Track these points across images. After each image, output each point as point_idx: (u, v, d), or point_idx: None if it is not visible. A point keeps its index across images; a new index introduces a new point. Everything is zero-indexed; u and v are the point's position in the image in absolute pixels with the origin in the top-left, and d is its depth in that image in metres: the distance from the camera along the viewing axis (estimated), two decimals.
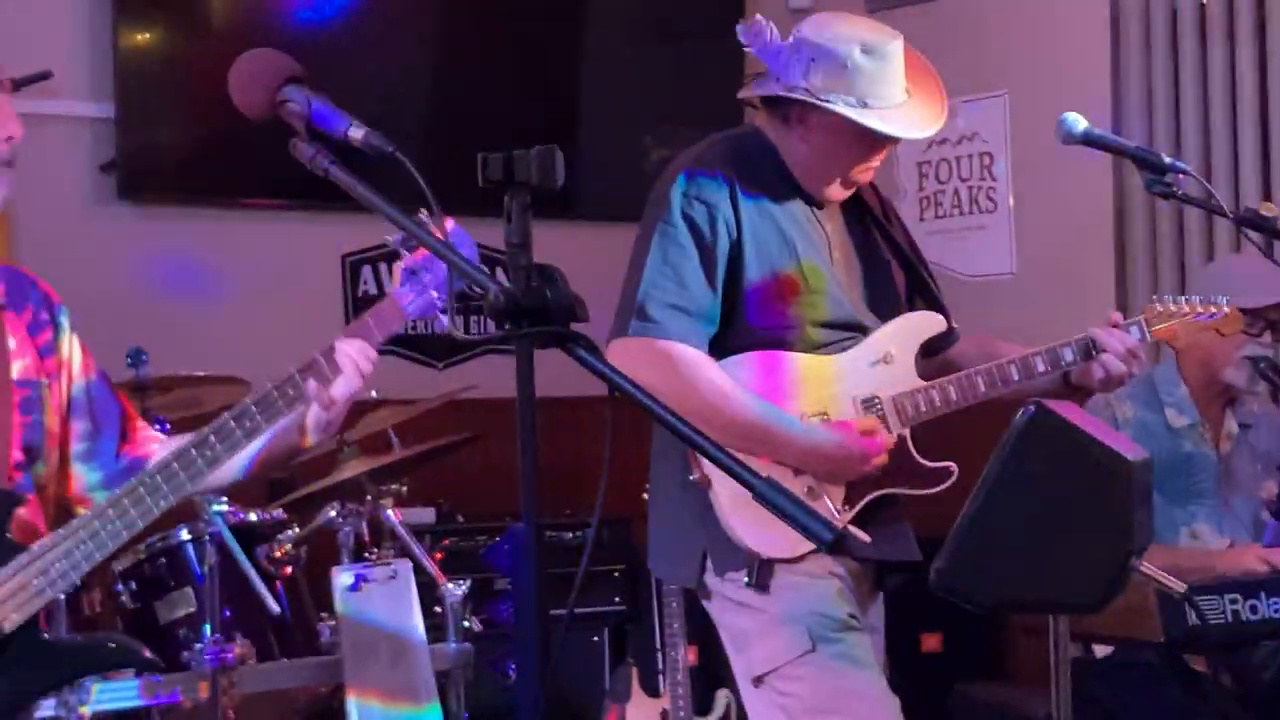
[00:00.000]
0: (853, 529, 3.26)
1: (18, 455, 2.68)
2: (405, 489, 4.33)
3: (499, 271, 2.14)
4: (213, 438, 2.64)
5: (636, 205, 3.52)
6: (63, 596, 3.22)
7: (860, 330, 3.46)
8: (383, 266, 5.64)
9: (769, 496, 1.94)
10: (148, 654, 2.97)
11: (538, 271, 2.05)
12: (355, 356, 2.72)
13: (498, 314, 2.04)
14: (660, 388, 3.05)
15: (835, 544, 1.87)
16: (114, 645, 2.95)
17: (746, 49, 3.39)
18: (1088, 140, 3.38)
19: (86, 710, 3.66)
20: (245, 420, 2.65)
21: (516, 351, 2.07)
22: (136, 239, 5.10)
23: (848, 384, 3.42)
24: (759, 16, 3.36)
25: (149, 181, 5.20)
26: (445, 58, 5.67)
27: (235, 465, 2.77)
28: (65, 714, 3.45)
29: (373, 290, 5.61)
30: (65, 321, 2.83)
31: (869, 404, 3.41)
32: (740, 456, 2.09)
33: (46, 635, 2.67)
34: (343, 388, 2.70)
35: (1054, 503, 2.81)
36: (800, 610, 3.35)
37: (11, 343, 2.73)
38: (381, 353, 2.80)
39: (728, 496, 3.32)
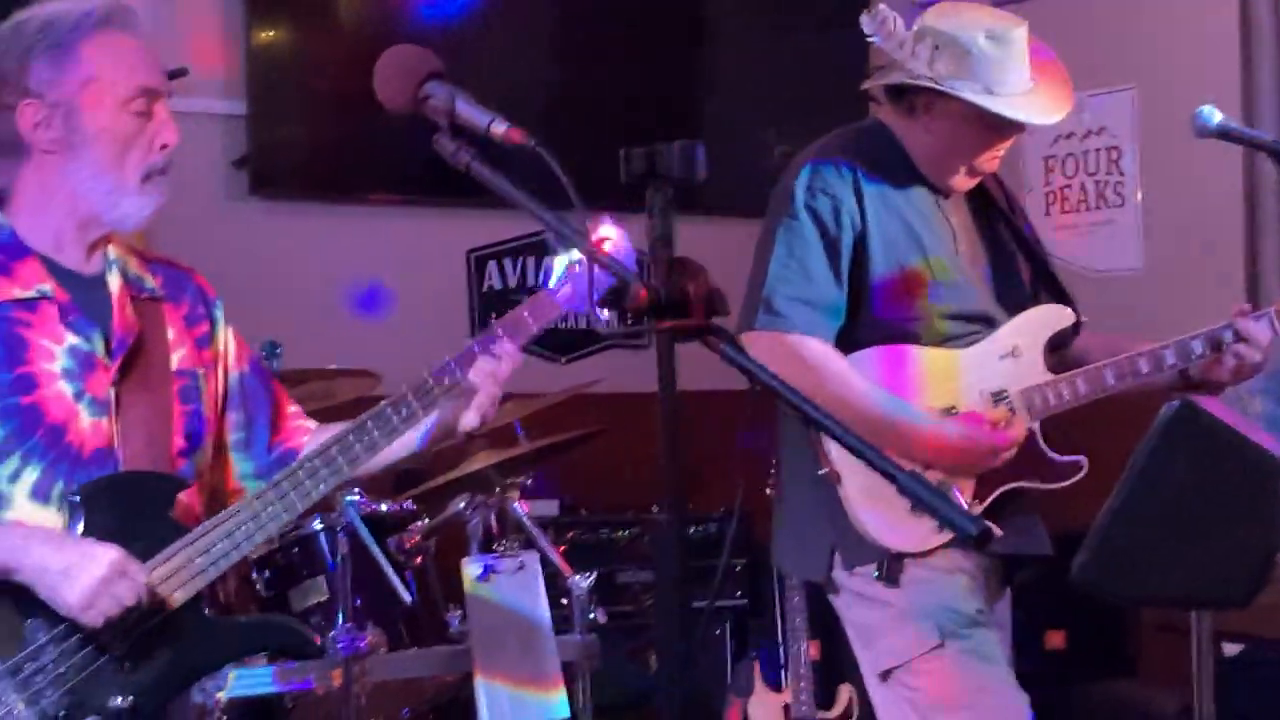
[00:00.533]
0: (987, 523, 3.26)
1: (180, 442, 2.73)
2: (530, 481, 4.35)
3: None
4: (370, 424, 2.69)
5: (758, 200, 3.53)
6: None
7: (988, 323, 3.45)
8: (508, 262, 5.66)
9: (912, 489, 1.93)
10: (311, 635, 3.06)
11: (679, 265, 2.06)
12: (493, 374, 2.75)
13: (639, 309, 2.05)
14: (789, 381, 3.06)
15: (980, 538, 1.87)
16: (279, 626, 2.99)
17: (870, 39, 3.39)
18: (1223, 134, 3.32)
19: (222, 695, 3.72)
20: (402, 408, 2.70)
21: (658, 345, 2.08)
22: (269, 233, 5.17)
23: (976, 377, 3.41)
24: (883, 6, 3.37)
25: (280, 177, 5.28)
26: (567, 54, 5.71)
27: (397, 449, 2.81)
28: (203, 699, 3.53)
29: (498, 285, 5.64)
30: (220, 315, 2.88)
31: (998, 397, 3.40)
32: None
33: (209, 613, 2.70)
34: (476, 411, 2.76)
35: (1199, 498, 2.78)
36: (929, 605, 3.34)
37: (170, 333, 2.77)
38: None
39: (857, 490, 3.32)
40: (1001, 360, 3.42)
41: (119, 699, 2.55)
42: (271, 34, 5.21)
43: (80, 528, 2.56)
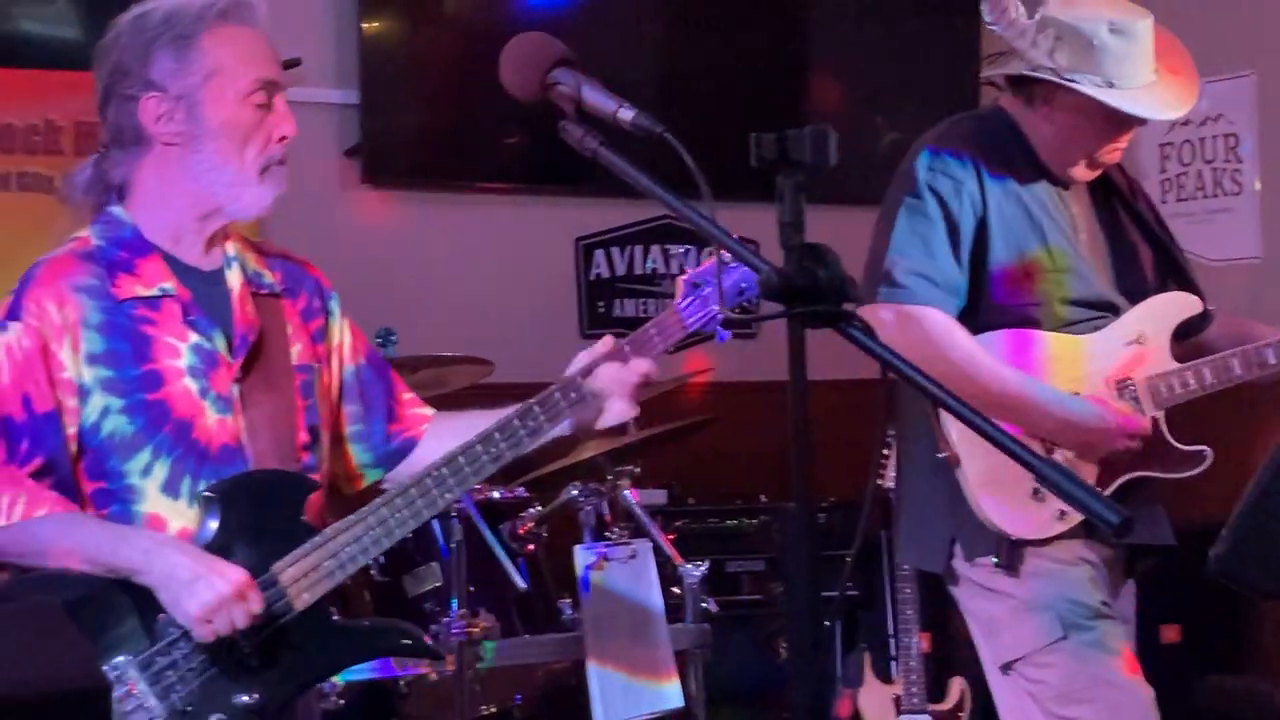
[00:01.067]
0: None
1: (304, 436, 2.74)
2: (639, 470, 4.35)
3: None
4: (498, 437, 2.69)
5: (868, 188, 3.52)
6: None
7: (1111, 310, 3.42)
8: (615, 250, 5.66)
9: (1051, 478, 1.91)
10: (429, 641, 3.05)
11: (809, 251, 2.05)
12: (623, 381, 2.76)
13: (770, 294, 2.04)
14: (911, 353, 3.03)
15: (1122, 527, 1.84)
16: (400, 631, 3.01)
17: (991, 27, 3.36)
18: None
19: (339, 680, 3.76)
20: (529, 421, 2.70)
21: (790, 331, 2.06)
22: (381, 221, 5.20)
23: (1100, 364, 3.38)
24: None
25: (392, 166, 5.31)
26: (674, 43, 5.70)
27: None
28: (321, 685, 3.55)
29: (604, 274, 5.64)
30: (336, 307, 2.88)
31: (1122, 385, 3.37)
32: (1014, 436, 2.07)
33: (335, 617, 2.70)
34: (614, 414, 2.81)
35: None
36: (1051, 597, 3.31)
37: (289, 329, 2.79)
38: (616, 334, 2.83)
39: (976, 473, 3.30)
40: (1127, 347, 3.40)
41: (245, 696, 2.57)
42: (382, 24, 5.25)
43: (215, 524, 2.58)
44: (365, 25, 5.20)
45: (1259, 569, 2.86)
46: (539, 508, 4.21)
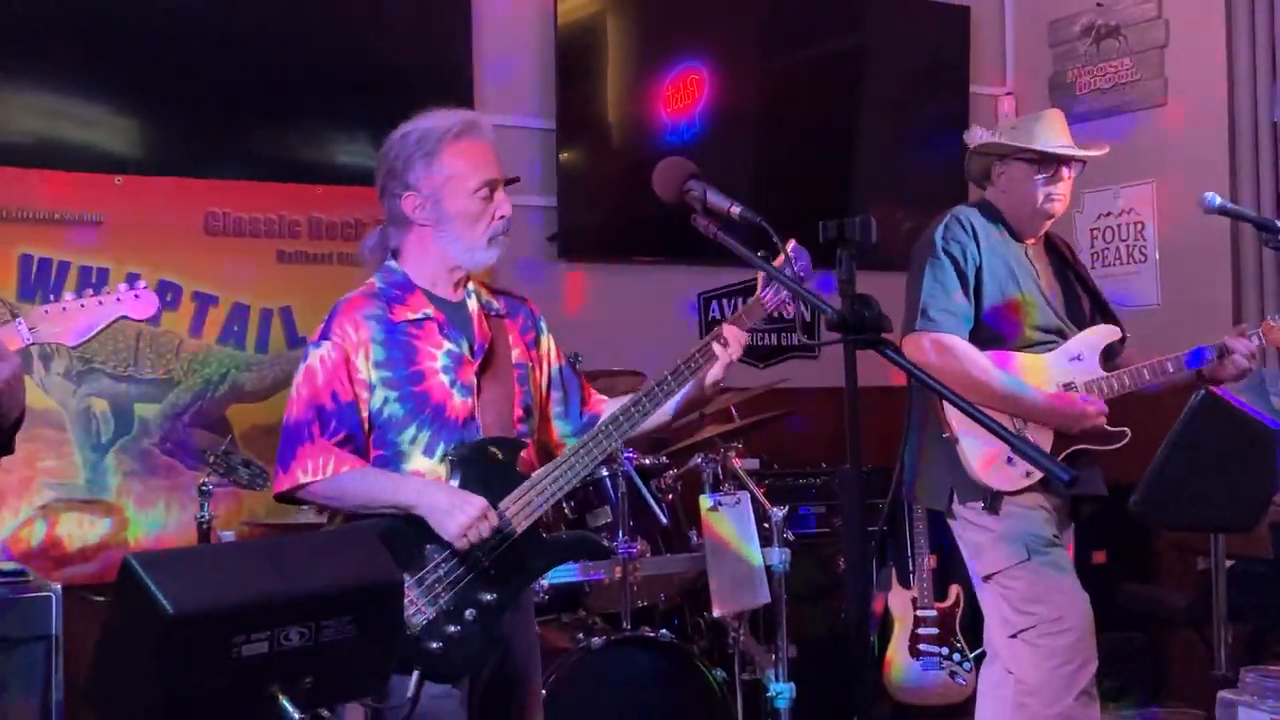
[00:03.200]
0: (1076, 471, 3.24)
1: (519, 412, 2.75)
2: (741, 445, 4.35)
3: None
4: (644, 398, 2.68)
5: (892, 258, 3.53)
6: None
7: (1061, 335, 3.41)
8: (726, 301, 5.65)
9: (1023, 449, 1.90)
10: (606, 545, 3.16)
11: (859, 298, 2.05)
12: (735, 335, 2.72)
13: (832, 326, 2.04)
14: (941, 367, 3.08)
15: (1071, 482, 1.83)
16: (587, 540, 3.04)
17: (969, 148, 3.46)
18: (1222, 210, 3.31)
19: (545, 581, 3.79)
20: (664, 386, 2.69)
21: (845, 352, 2.06)
22: (571, 284, 5.24)
23: (1053, 373, 3.37)
24: (975, 126, 3.42)
25: (579, 247, 5.32)
26: (763, 158, 5.65)
27: (663, 412, 2.78)
28: (535, 586, 3.58)
29: (717, 315, 5.58)
30: (544, 326, 2.90)
31: (1068, 387, 3.34)
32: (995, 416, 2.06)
33: (545, 535, 2.72)
34: (723, 362, 2.72)
35: (1217, 456, 2.73)
36: (1019, 530, 3.28)
37: (510, 339, 2.80)
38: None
39: (968, 447, 3.29)
40: (1070, 362, 3.37)
41: (487, 595, 2.58)
42: (572, 153, 5.27)
43: (458, 479, 2.60)
44: (561, 154, 5.24)
45: (1165, 511, 2.84)
46: (675, 470, 4.21)
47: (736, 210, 2.34)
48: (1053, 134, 3.35)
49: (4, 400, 2.01)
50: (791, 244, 2.58)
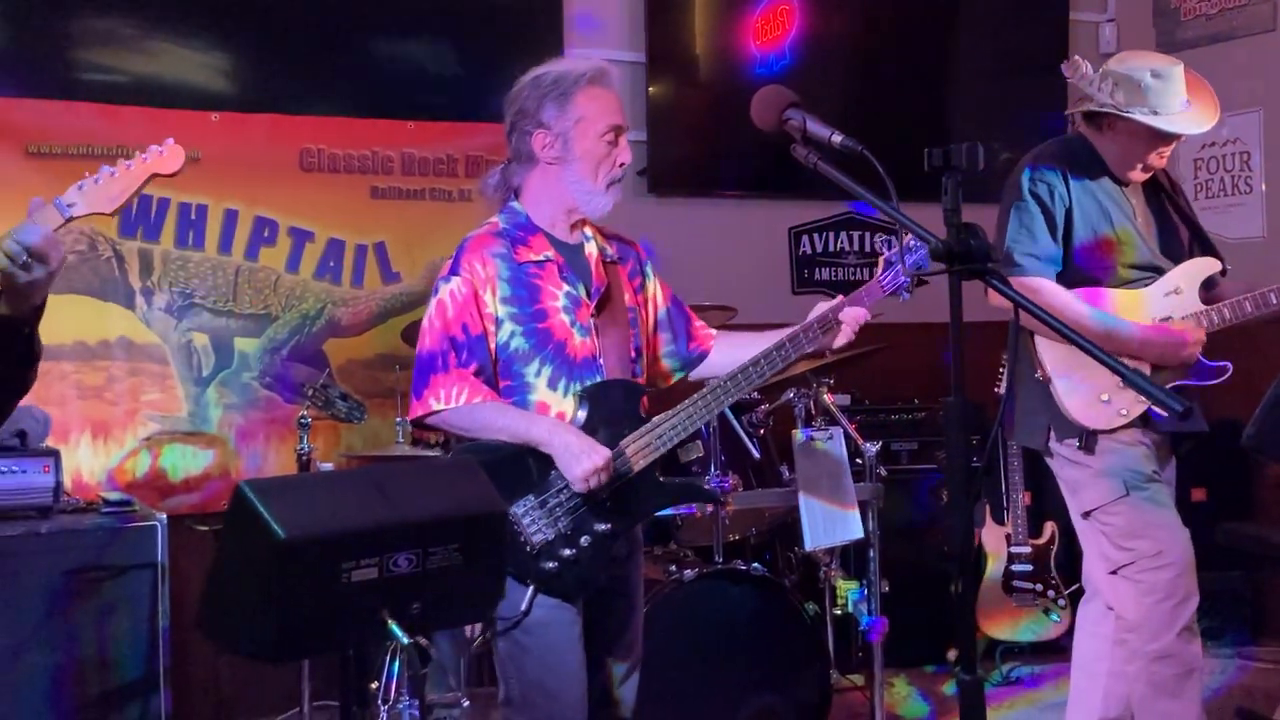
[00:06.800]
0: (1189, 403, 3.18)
1: (631, 353, 2.80)
2: (832, 381, 4.32)
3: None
4: (763, 361, 2.70)
5: (985, 189, 3.46)
6: None
7: (1157, 271, 3.33)
8: (816, 235, 5.60)
9: (1133, 378, 1.86)
10: (713, 492, 3.27)
11: (965, 228, 2.01)
12: (855, 319, 2.71)
13: (938, 257, 2.00)
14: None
15: (1186, 412, 1.79)
16: (698, 487, 3.07)
17: (1069, 80, 3.32)
18: None
19: None
20: (781, 351, 2.71)
21: (950, 283, 2.03)
22: (661, 218, 5.22)
23: (1150, 309, 3.30)
24: (1077, 58, 3.30)
25: (666, 181, 5.30)
26: (857, 90, 5.56)
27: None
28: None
29: (807, 251, 5.58)
30: (650, 270, 2.95)
31: (1165, 322, 3.27)
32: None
33: (661, 477, 2.76)
34: (842, 339, 2.75)
35: None
36: (1117, 467, 3.24)
37: (622, 283, 2.84)
38: (822, 294, 2.81)
39: (1062, 387, 3.24)
40: (1167, 296, 3.30)
41: (601, 525, 2.67)
42: (660, 87, 5.25)
43: (584, 414, 2.67)
44: (650, 89, 5.21)
45: (1274, 444, 2.78)
46: (768, 405, 4.20)
47: (838, 139, 2.30)
48: (1175, 99, 3.23)
49: (44, 287, 2.05)
50: (910, 237, 2.56)
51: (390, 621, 1.91)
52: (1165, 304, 3.27)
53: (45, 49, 4.44)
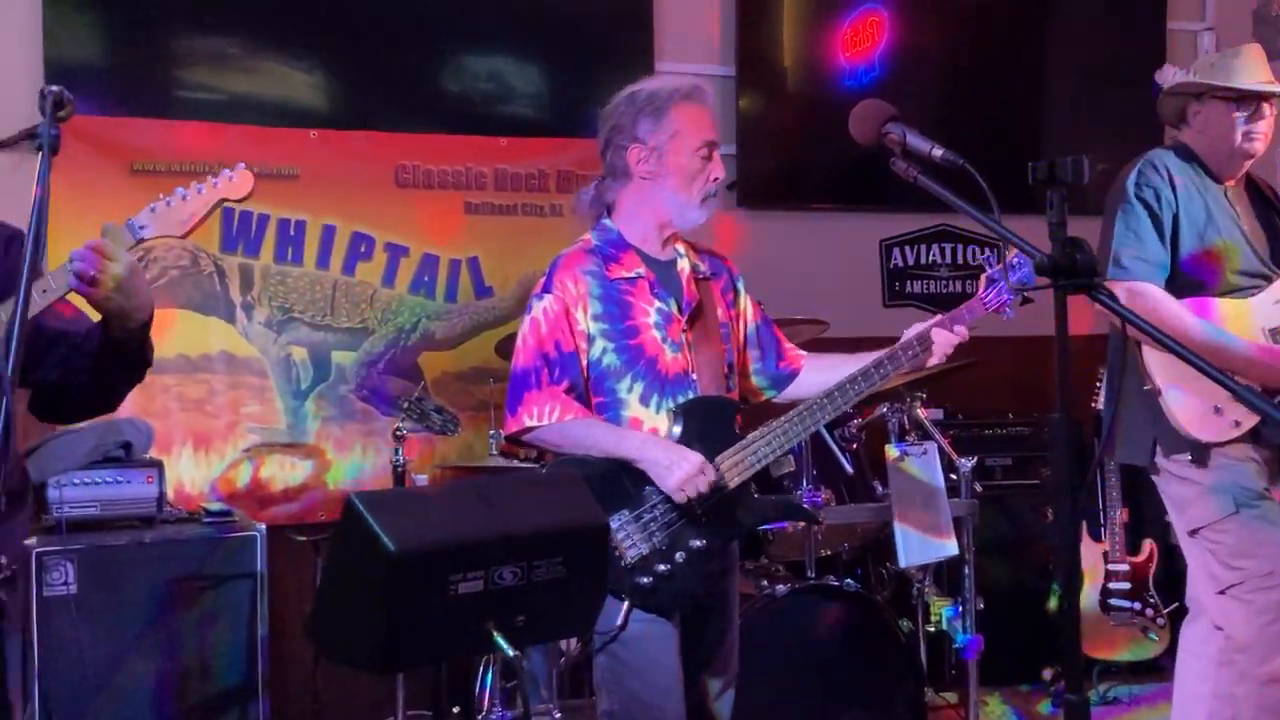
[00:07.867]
0: None
1: (725, 369, 2.81)
2: (926, 395, 4.29)
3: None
4: (860, 379, 2.71)
5: (1083, 202, 3.41)
6: None
7: (1265, 280, 3.27)
8: (907, 248, 5.55)
9: (1242, 394, 1.83)
10: (809, 510, 3.27)
11: (1070, 242, 1.99)
12: (949, 341, 2.73)
13: (1043, 271, 1.99)
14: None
15: None
16: (794, 505, 3.07)
17: (1161, 86, 3.34)
18: None
19: None
20: (880, 369, 2.72)
21: (1055, 297, 2.01)
22: (750, 230, 5.22)
23: (1258, 318, 3.23)
24: (1168, 66, 3.30)
25: (756, 194, 5.29)
26: (946, 105, 5.51)
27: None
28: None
29: (899, 264, 5.54)
30: (741, 286, 2.96)
31: (1274, 333, 3.20)
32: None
33: (756, 494, 2.78)
34: (934, 360, 2.78)
35: None
36: (1227, 483, 3.17)
37: (714, 298, 2.84)
38: (913, 307, 2.81)
39: (1173, 399, 3.17)
40: (1276, 304, 3.23)
41: (697, 541, 2.67)
42: (749, 101, 5.25)
43: (679, 429, 2.67)
44: (740, 101, 5.22)
45: None
46: (861, 419, 4.18)
47: (939, 153, 2.28)
48: (1252, 69, 3.19)
49: (127, 298, 2.14)
50: (1014, 253, 2.55)
51: (496, 633, 1.93)
52: (1274, 312, 3.20)
53: (148, 69, 4.56)
